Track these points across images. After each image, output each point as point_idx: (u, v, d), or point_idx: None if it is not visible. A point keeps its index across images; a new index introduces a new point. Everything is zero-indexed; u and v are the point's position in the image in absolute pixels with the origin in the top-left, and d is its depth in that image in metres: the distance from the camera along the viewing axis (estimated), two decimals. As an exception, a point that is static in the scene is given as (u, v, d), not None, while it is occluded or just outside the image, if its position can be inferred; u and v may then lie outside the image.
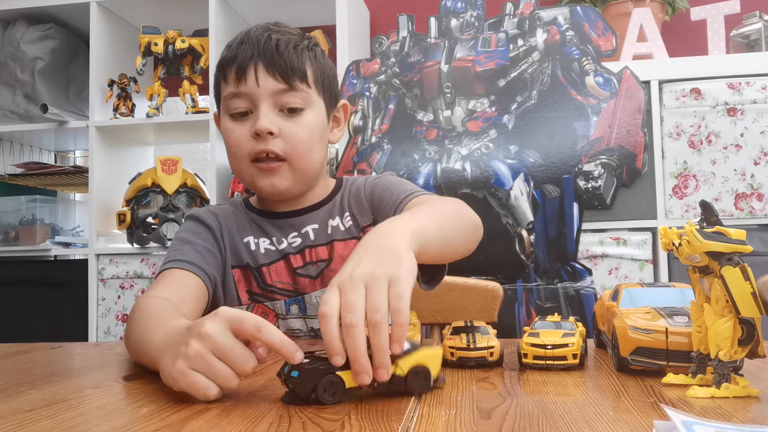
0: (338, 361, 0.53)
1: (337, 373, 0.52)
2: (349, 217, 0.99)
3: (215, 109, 1.01)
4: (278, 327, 0.96)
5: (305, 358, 0.54)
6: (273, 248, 0.97)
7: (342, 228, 0.98)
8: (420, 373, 0.55)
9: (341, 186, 1.04)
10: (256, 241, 0.98)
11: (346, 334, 0.53)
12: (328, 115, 0.98)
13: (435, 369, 0.56)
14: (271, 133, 0.89)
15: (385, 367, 0.53)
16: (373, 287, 0.56)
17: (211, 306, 0.94)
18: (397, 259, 0.60)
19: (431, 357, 0.56)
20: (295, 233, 0.98)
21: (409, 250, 0.63)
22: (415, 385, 0.54)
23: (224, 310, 0.57)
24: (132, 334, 0.73)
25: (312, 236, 0.98)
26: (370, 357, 0.53)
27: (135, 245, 2.05)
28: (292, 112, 0.91)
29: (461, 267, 0.91)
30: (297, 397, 0.52)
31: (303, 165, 0.93)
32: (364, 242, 0.65)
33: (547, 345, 0.65)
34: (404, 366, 0.54)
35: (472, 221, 0.87)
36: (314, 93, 0.93)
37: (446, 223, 0.80)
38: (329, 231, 0.98)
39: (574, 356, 0.65)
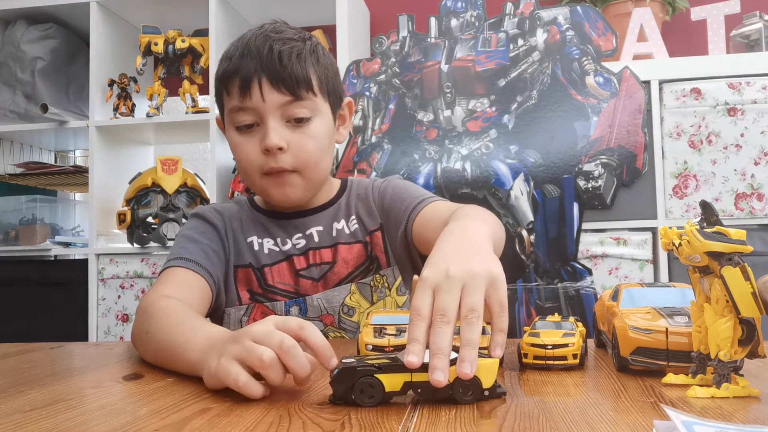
0: (413, 360, 0.51)
1: (376, 375, 0.51)
2: (355, 220, 0.99)
3: (217, 112, 1.02)
4: None
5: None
6: (276, 249, 0.97)
7: (347, 231, 0.98)
8: (467, 381, 0.52)
9: (345, 188, 1.03)
10: (260, 241, 0.98)
11: (434, 333, 0.52)
12: (334, 116, 0.97)
13: (487, 379, 0.53)
14: (280, 149, 0.89)
15: (470, 361, 0.51)
16: (470, 287, 0.55)
17: (214, 308, 0.94)
18: (491, 258, 0.59)
19: (483, 367, 0.53)
20: (300, 234, 0.98)
21: (494, 253, 0.62)
22: (461, 394, 0.52)
23: (270, 317, 0.59)
24: (154, 333, 0.72)
25: (316, 238, 0.97)
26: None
27: (135, 245, 2.05)
28: (299, 121, 0.90)
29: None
30: (336, 397, 0.52)
31: (313, 175, 0.94)
32: (449, 239, 0.64)
33: (547, 345, 0.65)
34: (450, 375, 0.52)
35: (503, 231, 0.89)
36: (320, 100, 0.92)
37: (497, 235, 0.81)
38: (334, 234, 0.98)
39: (574, 356, 0.65)
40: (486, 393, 0.53)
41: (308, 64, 0.91)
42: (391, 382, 0.51)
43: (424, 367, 0.52)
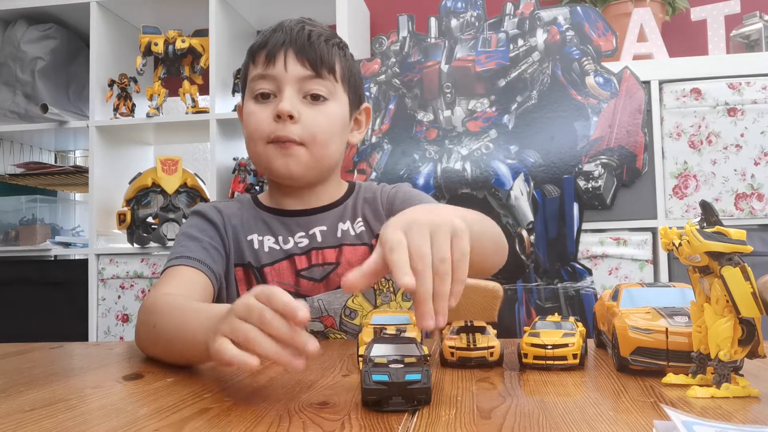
0: (408, 281, 0.52)
1: None
2: (361, 223, 0.99)
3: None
4: None
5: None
6: (277, 247, 0.97)
7: (352, 233, 0.98)
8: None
9: (353, 190, 1.03)
10: (260, 239, 0.97)
11: (421, 277, 0.53)
12: (351, 115, 0.99)
13: None
14: (291, 117, 0.90)
15: (444, 314, 0.53)
16: (438, 235, 0.55)
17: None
18: (453, 213, 0.60)
19: None
20: (303, 233, 0.97)
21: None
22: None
23: (253, 288, 0.57)
24: (162, 328, 0.73)
25: (319, 238, 0.97)
26: None
27: (135, 245, 2.05)
28: (316, 99, 0.92)
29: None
30: (381, 403, 0.51)
31: (320, 153, 0.94)
32: (415, 206, 0.64)
33: (548, 345, 0.65)
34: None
35: (502, 238, 0.87)
36: (339, 87, 0.95)
37: (482, 228, 0.80)
38: (339, 234, 0.98)
39: (574, 356, 0.65)
40: None
41: (335, 51, 0.94)
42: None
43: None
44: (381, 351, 0.55)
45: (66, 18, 2.31)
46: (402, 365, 0.52)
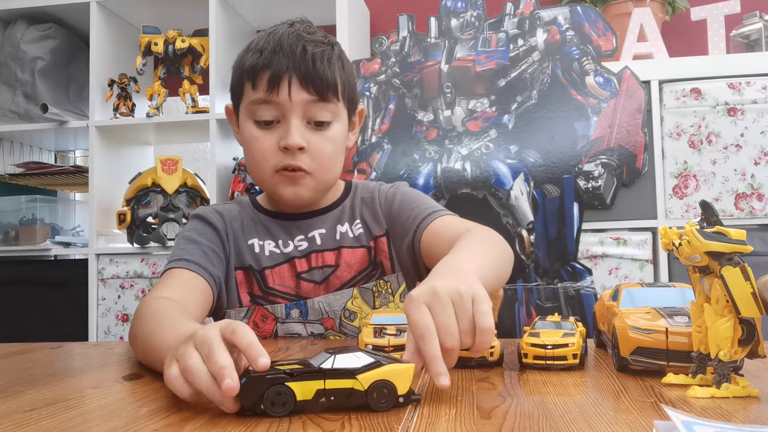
0: (444, 381, 0.53)
1: (287, 383, 0.49)
2: (359, 225, 0.99)
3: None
4: (277, 331, 0.96)
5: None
6: (278, 251, 0.97)
7: (351, 235, 0.98)
8: (382, 388, 0.51)
9: (350, 191, 1.03)
10: (261, 243, 0.97)
11: (446, 356, 0.55)
12: (348, 122, 0.98)
13: (403, 385, 0.52)
14: (300, 149, 0.89)
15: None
16: (460, 305, 0.57)
17: (216, 308, 0.94)
18: (474, 281, 0.61)
19: (398, 373, 0.52)
20: (302, 236, 0.97)
21: (479, 282, 0.64)
22: (375, 400, 0.51)
23: (221, 321, 0.56)
24: (140, 335, 0.73)
25: (319, 241, 0.97)
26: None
27: (135, 245, 2.05)
28: (320, 125, 0.91)
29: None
30: (244, 408, 0.49)
31: (326, 177, 0.94)
32: (435, 270, 0.65)
33: (547, 345, 0.65)
34: (365, 381, 0.50)
35: (511, 259, 0.88)
36: (341, 105, 0.94)
37: (497, 263, 0.81)
38: (338, 237, 0.98)
39: (574, 356, 0.65)
40: (401, 400, 0.52)
41: (336, 69, 0.92)
42: (303, 390, 0.49)
43: (336, 374, 0.50)
44: (319, 360, 0.52)
45: (66, 18, 2.31)
46: (265, 372, 0.49)
